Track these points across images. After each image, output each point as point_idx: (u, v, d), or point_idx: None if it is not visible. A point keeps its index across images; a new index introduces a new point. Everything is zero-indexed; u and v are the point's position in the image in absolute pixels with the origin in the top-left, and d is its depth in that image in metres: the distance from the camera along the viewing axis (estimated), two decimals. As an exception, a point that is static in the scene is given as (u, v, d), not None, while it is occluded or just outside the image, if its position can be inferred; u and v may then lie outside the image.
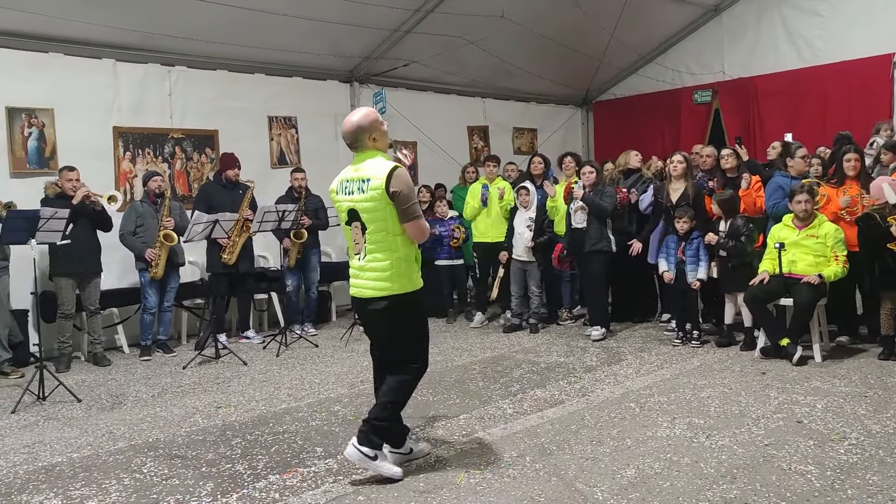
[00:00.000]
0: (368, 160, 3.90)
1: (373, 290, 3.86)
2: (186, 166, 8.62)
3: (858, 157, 6.59)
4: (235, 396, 5.79)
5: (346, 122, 3.95)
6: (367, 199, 3.79)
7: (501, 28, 9.41)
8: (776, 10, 10.77)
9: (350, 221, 3.91)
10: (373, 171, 3.80)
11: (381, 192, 3.74)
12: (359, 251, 3.90)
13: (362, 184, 3.82)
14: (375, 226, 3.82)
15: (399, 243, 3.84)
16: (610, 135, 12.83)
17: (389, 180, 3.73)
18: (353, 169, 3.94)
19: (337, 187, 4.00)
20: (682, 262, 6.81)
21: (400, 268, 3.84)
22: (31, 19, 7.09)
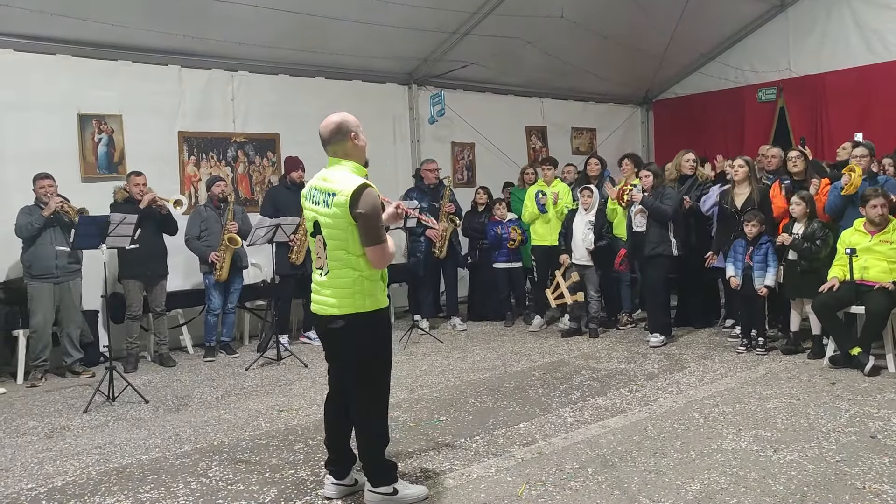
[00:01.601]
0: (339, 170, 3.60)
1: (332, 308, 3.57)
2: (249, 170, 8.78)
3: None
4: (297, 399, 5.87)
5: (326, 119, 3.68)
6: (330, 215, 3.50)
7: (560, 28, 9.32)
8: (845, 3, 10.42)
9: (315, 233, 3.65)
10: (339, 186, 3.48)
11: (344, 211, 3.43)
12: (321, 265, 3.64)
13: (328, 197, 3.50)
14: (335, 243, 3.54)
15: (363, 263, 3.53)
16: (670, 134, 12.61)
17: (355, 199, 3.41)
18: (322, 177, 3.63)
19: (307, 193, 3.72)
20: (750, 267, 6.64)
21: (363, 286, 3.54)
22: (102, 29, 7.30)
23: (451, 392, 5.86)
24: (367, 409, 3.73)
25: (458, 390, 5.90)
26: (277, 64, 8.83)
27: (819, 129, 10.71)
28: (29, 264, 6.78)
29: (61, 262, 6.80)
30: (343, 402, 3.83)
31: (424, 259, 8.50)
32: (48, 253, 6.73)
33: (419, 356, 7.27)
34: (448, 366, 6.78)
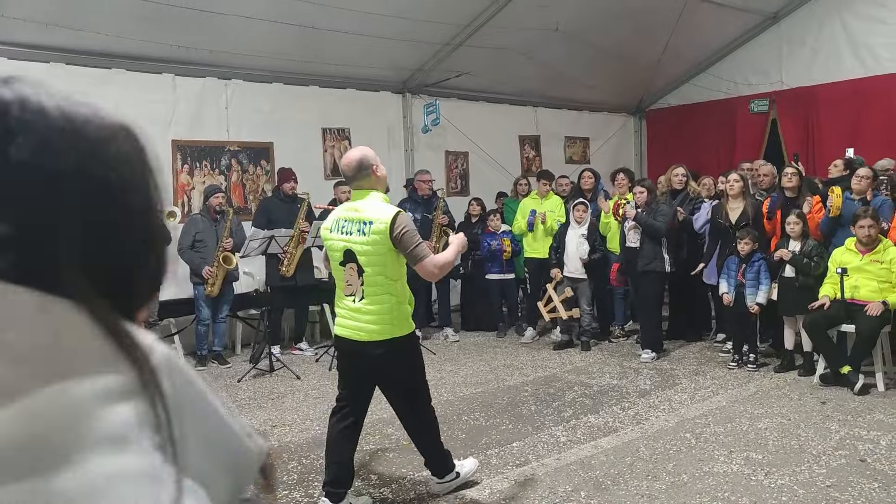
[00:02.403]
0: (370, 201, 3.76)
1: (372, 334, 3.75)
2: (242, 178, 8.76)
3: None
4: (290, 414, 5.87)
5: (346, 157, 3.85)
6: (368, 243, 3.67)
7: (554, 39, 9.36)
8: (837, 17, 10.48)
9: (345, 262, 3.78)
10: (376, 214, 3.67)
11: (385, 237, 3.62)
12: (352, 293, 3.78)
13: (363, 226, 3.68)
14: (374, 269, 3.70)
15: (397, 288, 3.76)
16: (663, 144, 12.67)
17: (394, 225, 3.62)
18: (351, 208, 3.80)
19: (332, 226, 3.86)
20: (742, 284, 6.69)
21: (399, 311, 3.77)
22: (96, 38, 7.27)
23: (444, 408, 5.87)
24: (423, 417, 4.09)
25: (451, 406, 5.92)
26: (272, 73, 8.82)
27: (811, 142, 10.78)
28: (21, 274, 6.74)
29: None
30: (353, 420, 4.06)
31: (417, 270, 8.50)
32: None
33: (412, 368, 7.28)
34: (441, 379, 6.80)
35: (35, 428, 0.63)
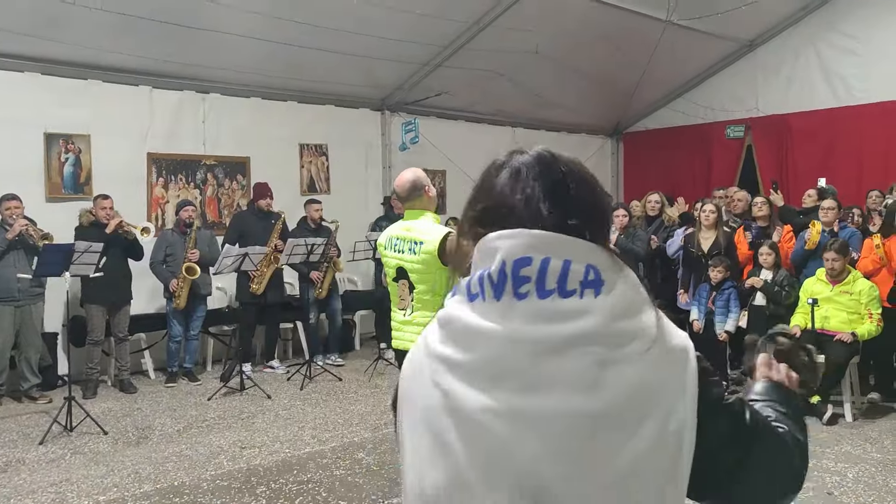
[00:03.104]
0: (421, 221, 3.95)
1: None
2: (218, 193, 8.70)
3: None
4: (260, 436, 5.80)
5: (400, 178, 4.04)
6: (418, 262, 3.85)
7: (534, 62, 9.42)
8: (812, 47, 10.66)
9: (398, 278, 4.00)
10: (426, 235, 3.84)
11: (433, 257, 3.79)
12: (404, 307, 3.97)
13: (414, 245, 3.87)
14: (424, 286, 3.88)
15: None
16: (640, 166, 12.78)
17: (443, 247, 3.78)
18: (404, 228, 3.98)
19: (385, 242, 4.07)
20: (712, 311, 6.74)
21: None
22: (73, 49, 7.22)
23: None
24: None
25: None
26: (250, 87, 8.78)
27: (785, 169, 10.92)
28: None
29: (23, 286, 6.64)
30: None
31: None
32: (10, 276, 6.57)
33: (384, 389, 7.24)
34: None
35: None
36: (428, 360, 1.22)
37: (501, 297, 1.16)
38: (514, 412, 1.11)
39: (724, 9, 9.21)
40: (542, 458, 1.10)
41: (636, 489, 1.11)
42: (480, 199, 1.30)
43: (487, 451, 1.12)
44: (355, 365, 8.29)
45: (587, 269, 1.16)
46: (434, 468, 1.17)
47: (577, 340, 1.12)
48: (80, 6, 6.51)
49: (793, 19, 10.65)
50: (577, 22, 9.03)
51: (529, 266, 1.15)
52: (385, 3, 7.65)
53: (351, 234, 8.32)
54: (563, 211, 1.21)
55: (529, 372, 1.12)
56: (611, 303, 1.15)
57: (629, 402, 1.12)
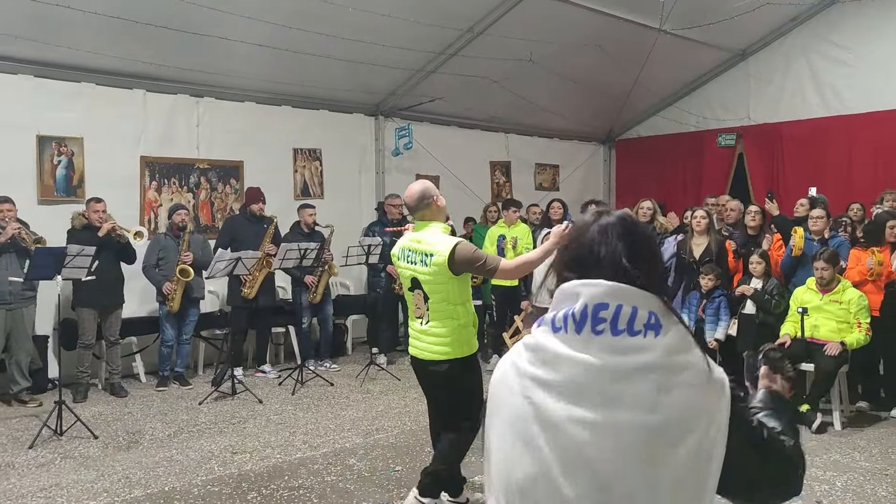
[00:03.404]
0: (431, 232, 4.05)
1: (433, 354, 4.06)
2: (211, 196, 8.69)
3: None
4: (251, 441, 5.80)
5: (409, 189, 4.18)
6: (430, 273, 3.95)
7: (527, 69, 9.46)
8: (803, 57, 10.74)
9: (412, 288, 4.11)
10: (436, 247, 3.94)
11: (444, 268, 3.89)
12: (420, 315, 4.10)
13: (425, 257, 3.97)
14: (438, 296, 3.99)
15: (460, 312, 4.03)
16: (632, 173, 12.85)
17: (452, 257, 3.88)
18: (416, 240, 4.09)
19: (399, 254, 4.19)
20: (702, 319, 6.77)
21: (460, 334, 4.03)
22: (66, 52, 7.20)
23: (407, 438, 5.85)
24: (456, 442, 4.19)
25: (414, 436, 5.89)
26: (244, 91, 8.78)
27: (776, 177, 10.99)
28: (-20, 290, 6.62)
29: (15, 289, 6.63)
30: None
31: (384, 294, 8.50)
32: (1, 279, 6.57)
33: (376, 394, 7.25)
34: (405, 407, 6.78)
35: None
36: (518, 379, 1.56)
37: (581, 332, 1.50)
38: (592, 423, 1.46)
39: (716, 18, 9.27)
40: (611, 459, 1.44)
41: (678, 486, 1.45)
42: (571, 249, 1.66)
43: (568, 451, 1.47)
44: (347, 370, 8.29)
45: (649, 314, 1.50)
46: (523, 464, 1.51)
47: (641, 369, 1.47)
48: (75, 9, 6.51)
49: (784, 29, 10.73)
50: (571, 30, 9.07)
51: (606, 310, 1.50)
52: (380, 10, 7.67)
53: (344, 238, 8.32)
54: (636, 267, 1.55)
55: (604, 391, 1.47)
56: (667, 342, 1.49)
57: (679, 419, 1.45)
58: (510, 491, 1.53)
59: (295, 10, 7.38)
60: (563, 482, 1.47)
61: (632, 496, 1.44)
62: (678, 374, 1.47)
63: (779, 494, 1.57)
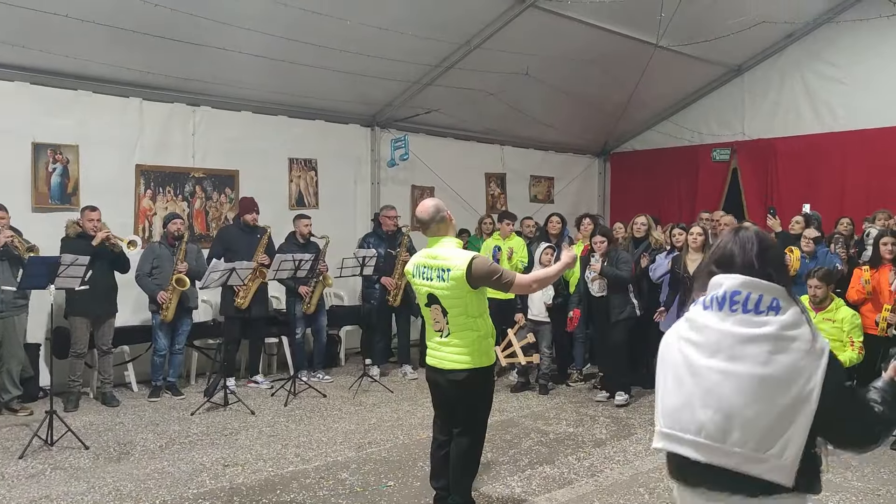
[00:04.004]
0: (445, 247, 4.11)
1: (453, 363, 4.13)
2: (206, 205, 8.68)
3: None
4: (243, 453, 5.77)
5: (422, 206, 4.25)
6: (448, 288, 4.02)
7: (523, 82, 9.49)
8: (798, 74, 10.81)
9: (429, 304, 4.15)
10: (452, 262, 4.01)
11: (462, 282, 3.96)
12: (440, 329, 4.17)
13: (442, 272, 4.03)
14: (456, 310, 4.07)
15: (479, 324, 4.11)
16: (626, 186, 12.89)
17: (470, 271, 3.95)
18: (430, 255, 4.13)
19: (413, 271, 4.23)
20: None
21: (480, 345, 4.11)
22: (63, 60, 7.19)
23: (399, 452, 5.83)
24: (468, 451, 4.27)
25: (406, 450, 5.87)
26: (240, 100, 8.78)
27: (769, 193, 11.05)
28: (-28, 298, 6.58)
29: (7, 297, 6.60)
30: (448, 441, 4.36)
31: (378, 306, 8.49)
32: (-7, 287, 6.55)
33: (369, 407, 7.23)
34: (397, 420, 6.76)
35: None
36: (677, 339, 2.35)
37: (722, 310, 2.25)
38: (723, 370, 2.20)
39: (713, 35, 9.32)
40: (734, 395, 2.17)
41: (780, 417, 2.13)
42: (718, 252, 2.39)
43: (705, 388, 2.21)
44: (340, 381, 8.27)
45: (772, 300, 2.23)
46: (674, 395, 2.29)
47: (760, 337, 2.19)
48: (73, 18, 6.50)
49: (779, 46, 10.80)
50: (568, 45, 9.11)
51: (739, 295, 2.24)
52: (377, 23, 7.69)
53: (338, 248, 8.32)
54: (765, 266, 2.29)
55: (733, 350, 2.20)
56: (783, 319, 2.20)
57: (783, 373, 2.15)
58: (665, 413, 2.31)
59: (293, 21, 7.38)
60: (699, 409, 2.20)
61: (745, 420, 2.15)
62: (788, 342, 2.16)
63: (853, 441, 2.24)
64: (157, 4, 6.61)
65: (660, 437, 2.32)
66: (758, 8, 9.06)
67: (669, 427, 2.28)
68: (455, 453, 4.28)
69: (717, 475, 2.19)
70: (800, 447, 2.12)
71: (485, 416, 4.34)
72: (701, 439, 2.20)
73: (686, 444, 2.23)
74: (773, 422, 2.12)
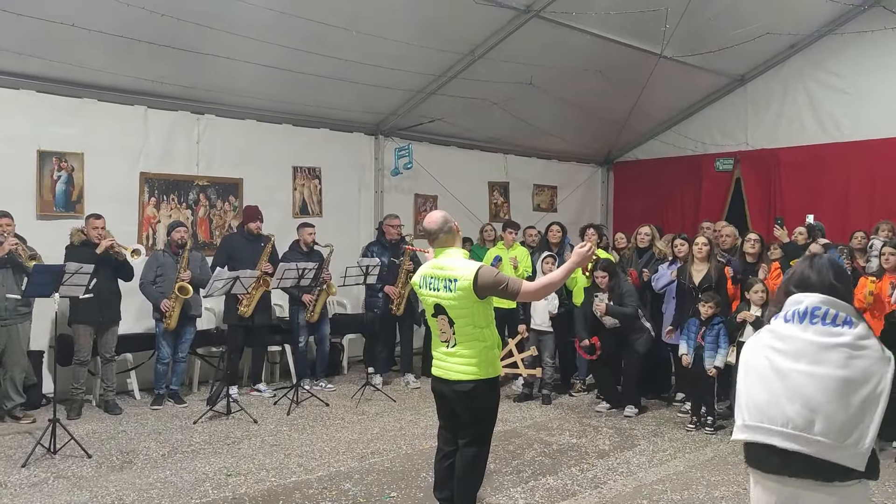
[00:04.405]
0: (452, 258, 4.14)
1: (460, 374, 4.13)
2: (209, 213, 8.69)
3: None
4: (245, 462, 5.76)
5: (430, 217, 4.28)
6: (454, 298, 4.04)
7: (527, 92, 9.51)
8: (801, 84, 10.81)
9: (436, 314, 4.17)
10: (459, 272, 4.03)
11: (469, 292, 3.98)
12: (446, 339, 4.18)
13: (449, 283, 4.06)
14: (463, 320, 4.08)
15: (486, 334, 4.13)
16: (629, 195, 12.89)
17: (476, 281, 3.97)
18: (437, 266, 4.16)
19: (420, 281, 4.26)
20: (701, 346, 6.77)
21: (487, 356, 4.13)
22: (68, 68, 7.22)
23: (402, 462, 5.82)
24: (473, 463, 4.27)
25: (409, 461, 5.86)
26: (245, 109, 8.80)
27: (773, 203, 11.04)
28: (-24, 305, 6.59)
29: (10, 305, 6.61)
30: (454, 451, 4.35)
31: (381, 315, 8.49)
32: (-3, 294, 6.56)
33: (371, 416, 7.22)
34: (400, 430, 6.75)
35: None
36: (762, 348, 2.74)
37: (803, 323, 2.68)
38: (807, 372, 2.60)
39: (717, 46, 9.34)
40: (818, 392, 2.57)
41: (857, 411, 2.54)
42: (796, 276, 2.84)
43: (791, 387, 2.61)
44: (342, 389, 8.27)
45: (846, 316, 2.66)
46: (761, 393, 2.67)
47: (839, 345, 2.61)
48: (80, 28, 6.52)
49: (783, 56, 10.81)
50: (572, 55, 9.13)
51: (819, 311, 2.68)
52: (382, 34, 7.70)
53: (341, 256, 8.32)
54: (839, 287, 2.74)
55: (815, 355, 2.62)
56: (856, 332, 2.63)
57: (859, 376, 2.56)
58: (751, 409, 2.68)
59: (299, 32, 7.40)
60: (787, 404, 2.60)
61: (828, 414, 2.54)
62: (861, 350, 2.60)
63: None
64: (164, 14, 6.64)
65: (743, 430, 2.70)
66: (761, 19, 9.08)
67: (757, 420, 2.65)
68: (460, 464, 4.28)
69: (797, 462, 2.57)
70: (873, 438, 2.52)
71: (490, 427, 4.34)
72: (788, 430, 2.57)
73: (774, 434, 2.60)
74: (851, 416, 2.52)
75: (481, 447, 4.30)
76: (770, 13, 9.13)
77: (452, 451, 4.35)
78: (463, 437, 4.28)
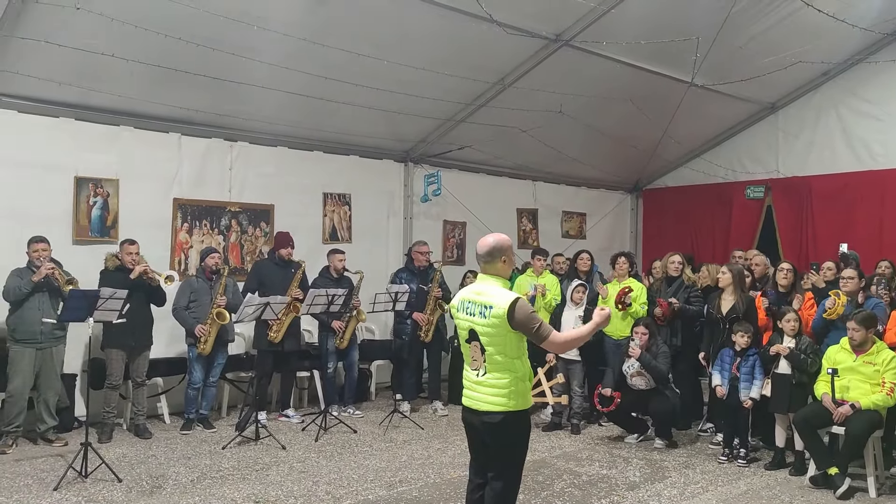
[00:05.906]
0: (491, 286, 4.07)
1: (490, 405, 4.06)
2: (241, 239, 8.79)
3: None
4: (274, 489, 5.77)
5: (484, 239, 4.16)
6: (489, 325, 3.98)
7: (556, 120, 9.54)
8: (833, 110, 10.72)
9: (469, 340, 4.13)
10: (496, 300, 3.97)
11: (503, 321, 3.92)
12: (477, 367, 4.13)
13: (484, 309, 4.00)
14: (495, 349, 4.02)
15: (517, 365, 4.05)
16: (659, 223, 12.83)
17: (512, 312, 3.91)
18: (476, 291, 4.12)
19: (458, 305, 4.23)
20: (736, 378, 6.68)
21: (517, 387, 4.04)
22: (106, 97, 7.40)
23: (430, 492, 5.79)
24: (502, 496, 4.16)
25: (437, 490, 5.82)
26: (276, 136, 8.93)
27: (805, 231, 10.93)
28: (13, 328, 6.69)
29: (46, 328, 6.71)
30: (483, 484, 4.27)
31: (410, 341, 8.49)
32: (33, 318, 6.65)
33: (399, 444, 7.20)
34: (428, 458, 6.72)
35: None
36: None
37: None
38: None
39: (747, 74, 9.30)
40: None
41: None
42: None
43: None
44: (370, 416, 8.26)
45: None
46: None
47: None
48: (118, 58, 6.68)
49: (814, 84, 10.74)
50: (602, 83, 9.16)
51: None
52: (412, 63, 7.79)
53: (369, 281, 8.37)
54: None
55: None
56: None
57: None
58: None
59: (329, 60, 7.50)
60: None
61: None
62: None
63: None
64: (200, 45, 6.78)
65: None
66: (792, 48, 9.04)
67: None
68: (489, 497, 4.23)
69: None
70: None
71: (520, 459, 4.26)
72: None
73: None
74: None
75: (511, 480, 4.23)
76: (801, 42, 9.08)
77: (483, 483, 4.29)
78: (492, 469, 4.23)
